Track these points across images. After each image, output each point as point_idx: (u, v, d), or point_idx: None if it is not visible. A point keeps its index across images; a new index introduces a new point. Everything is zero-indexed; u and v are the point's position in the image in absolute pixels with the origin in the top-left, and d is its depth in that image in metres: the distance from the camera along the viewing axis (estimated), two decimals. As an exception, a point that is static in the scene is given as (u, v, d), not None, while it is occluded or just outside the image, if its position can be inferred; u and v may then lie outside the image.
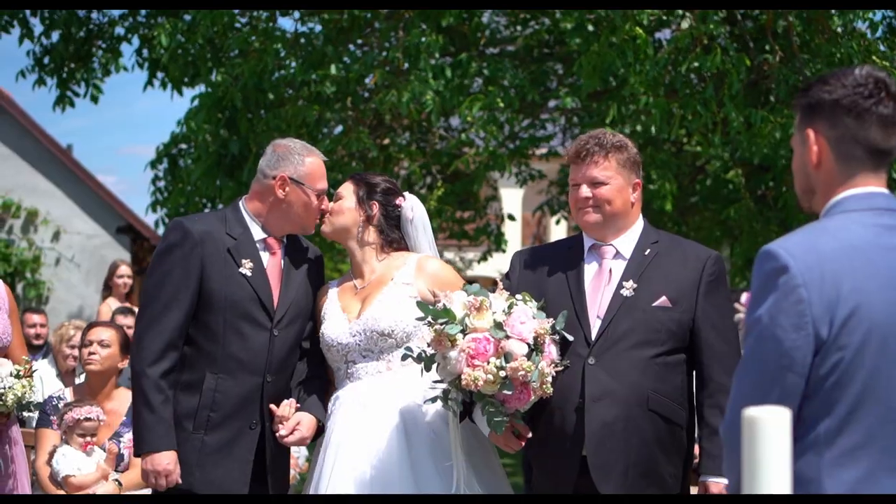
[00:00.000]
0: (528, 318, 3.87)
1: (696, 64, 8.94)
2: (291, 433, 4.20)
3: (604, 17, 9.48)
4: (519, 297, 3.97)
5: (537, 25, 11.27)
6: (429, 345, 3.92)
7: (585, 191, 4.08)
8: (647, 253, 4.08)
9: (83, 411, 5.61)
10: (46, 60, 11.39)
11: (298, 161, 4.28)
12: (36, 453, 5.75)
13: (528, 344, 3.84)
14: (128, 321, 7.83)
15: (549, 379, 3.88)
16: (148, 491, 5.49)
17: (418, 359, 3.95)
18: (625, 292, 4.02)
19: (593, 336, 4.00)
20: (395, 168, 11.34)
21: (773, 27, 9.46)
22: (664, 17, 9.65)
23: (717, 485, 3.92)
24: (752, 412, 1.99)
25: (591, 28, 9.66)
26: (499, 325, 3.84)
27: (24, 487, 5.05)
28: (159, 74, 10.99)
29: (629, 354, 3.95)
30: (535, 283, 4.12)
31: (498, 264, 17.57)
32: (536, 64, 11.11)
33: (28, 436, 6.12)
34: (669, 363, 3.98)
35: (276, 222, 4.31)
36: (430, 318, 3.88)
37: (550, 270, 4.13)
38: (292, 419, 4.20)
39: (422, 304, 3.96)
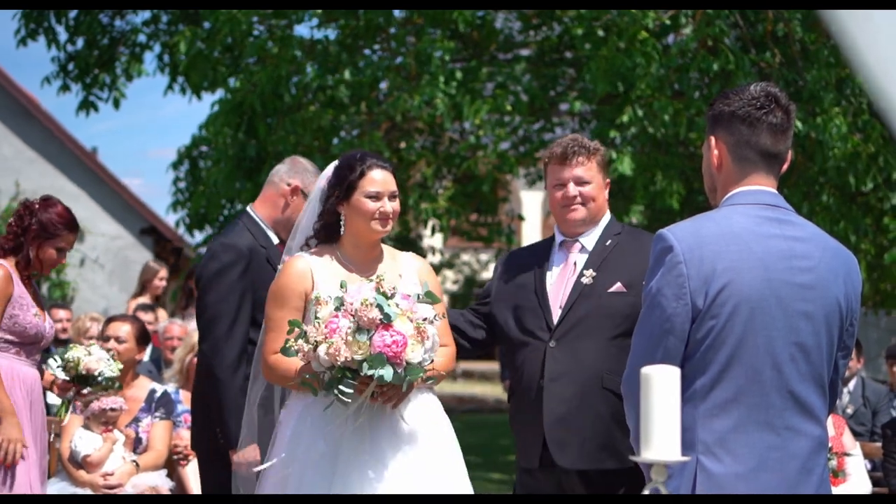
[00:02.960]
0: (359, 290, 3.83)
1: (701, 66, 9.16)
2: None
3: (612, 23, 9.72)
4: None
5: (549, 31, 11.49)
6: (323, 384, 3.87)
7: (573, 189, 4.44)
8: (608, 244, 4.43)
9: (108, 402, 5.97)
10: (71, 67, 11.72)
11: (311, 180, 4.81)
12: (61, 437, 6.10)
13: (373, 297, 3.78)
14: (148, 317, 8.19)
15: (415, 310, 3.80)
16: (162, 488, 5.87)
17: (322, 387, 3.85)
18: (584, 280, 4.36)
19: (554, 322, 4.33)
20: (410, 171, 11.55)
21: (774, 31, 9.68)
22: (667, 23, 9.87)
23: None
24: (646, 370, 2.29)
25: (601, 33, 9.89)
26: (338, 300, 3.82)
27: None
28: (179, 79, 11.29)
29: (586, 337, 4.28)
30: (511, 281, 4.49)
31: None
32: (548, 68, 11.33)
33: (54, 422, 6.46)
34: (626, 345, 4.08)
35: (284, 225, 4.82)
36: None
37: (524, 268, 4.50)
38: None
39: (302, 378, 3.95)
